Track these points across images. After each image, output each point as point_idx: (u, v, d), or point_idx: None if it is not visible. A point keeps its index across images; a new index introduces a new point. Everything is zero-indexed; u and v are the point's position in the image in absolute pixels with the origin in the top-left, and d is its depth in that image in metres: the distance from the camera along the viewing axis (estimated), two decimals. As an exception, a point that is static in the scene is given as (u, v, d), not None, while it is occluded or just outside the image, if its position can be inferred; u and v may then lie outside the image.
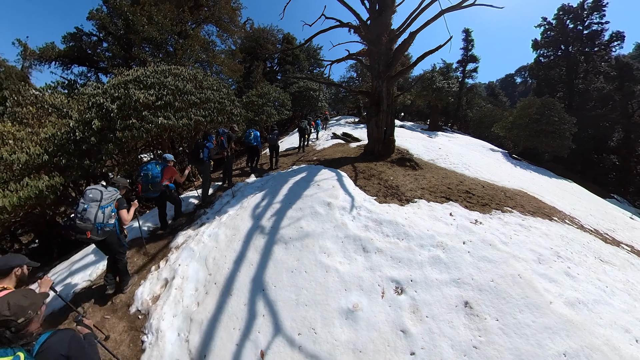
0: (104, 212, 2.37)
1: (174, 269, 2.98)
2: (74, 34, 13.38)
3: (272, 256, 2.91)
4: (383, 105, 6.81)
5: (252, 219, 3.65)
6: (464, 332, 2.02)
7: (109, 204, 2.43)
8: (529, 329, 1.98)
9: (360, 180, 4.89)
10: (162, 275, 2.96)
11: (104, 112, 4.80)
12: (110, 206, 2.44)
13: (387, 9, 6.58)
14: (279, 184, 4.56)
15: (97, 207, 2.33)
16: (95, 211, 2.31)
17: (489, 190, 5.70)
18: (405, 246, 2.88)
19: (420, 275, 2.49)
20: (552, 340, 1.91)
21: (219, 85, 7.03)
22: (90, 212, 2.29)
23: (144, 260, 3.34)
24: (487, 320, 2.07)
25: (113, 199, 2.47)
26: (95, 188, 2.40)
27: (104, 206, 2.38)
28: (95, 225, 2.30)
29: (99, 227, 2.33)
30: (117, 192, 2.55)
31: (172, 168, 3.68)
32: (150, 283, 2.89)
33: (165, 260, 3.25)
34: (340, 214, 3.44)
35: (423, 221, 3.49)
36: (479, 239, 2.97)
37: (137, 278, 2.98)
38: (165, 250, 3.49)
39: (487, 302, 2.20)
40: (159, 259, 3.33)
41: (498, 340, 1.94)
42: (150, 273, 3.07)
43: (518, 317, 2.07)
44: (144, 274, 3.09)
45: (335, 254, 2.84)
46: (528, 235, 3.37)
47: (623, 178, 23.09)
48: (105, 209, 2.39)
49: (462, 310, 2.18)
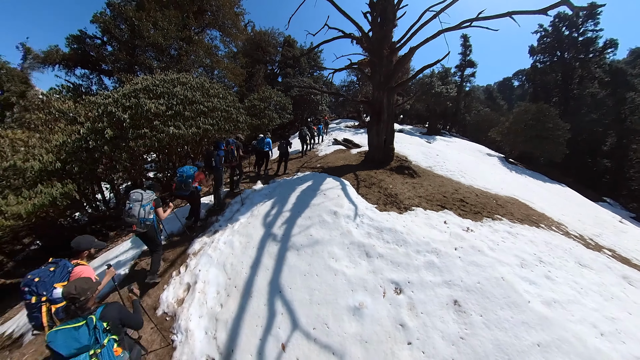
0: (145, 210, 2.91)
1: (195, 274, 3.19)
2: (78, 37, 13.48)
3: (286, 261, 3.17)
4: (384, 115, 7.06)
5: (263, 227, 3.88)
6: (453, 326, 2.31)
7: (148, 203, 2.97)
8: (508, 323, 2.27)
9: (362, 188, 5.13)
10: (184, 280, 3.18)
11: (116, 122, 4.99)
12: (149, 205, 2.97)
13: (389, 22, 6.85)
14: (287, 192, 4.79)
15: (140, 206, 2.88)
16: (138, 209, 2.87)
17: (482, 198, 6.01)
18: (404, 252, 3.17)
19: (417, 278, 2.78)
20: (528, 333, 2.19)
21: (224, 92, 7.24)
22: (134, 210, 2.85)
23: (164, 266, 3.53)
24: (473, 316, 2.37)
25: (151, 199, 3.01)
26: (137, 191, 2.97)
27: (144, 205, 2.92)
28: (139, 219, 2.86)
29: (142, 221, 2.88)
30: (154, 194, 3.08)
31: (201, 173, 4.25)
32: (173, 287, 3.10)
33: (185, 266, 3.46)
34: (346, 222, 3.70)
35: (420, 229, 3.78)
36: (469, 245, 3.26)
37: (161, 283, 3.21)
38: (183, 257, 3.68)
39: (474, 300, 2.50)
40: (178, 264, 3.54)
41: (481, 333, 2.23)
42: (172, 278, 3.27)
43: (499, 314, 2.36)
44: (166, 278, 3.29)
45: (342, 259, 3.12)
46: (514, 242, 3.68)
47: (616, 181, 23.60)
48: (145, 207, 2.93)
49: (451, 307, 2.47)
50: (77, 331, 1.36)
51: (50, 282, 1.84)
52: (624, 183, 23.24)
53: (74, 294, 1.46)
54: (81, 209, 6.62)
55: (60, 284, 1.87)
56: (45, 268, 1.93)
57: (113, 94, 5.56)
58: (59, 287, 1.84)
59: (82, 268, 2.05)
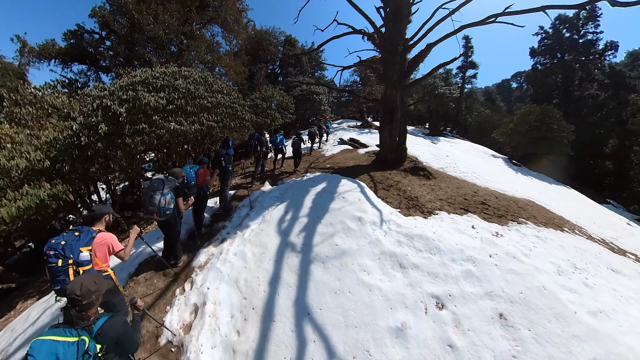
0: (165, 199, 2.80)
1: (202, 292, 2.75)
2: (75, 32, 12.98)
3: (311, 277, 2.78)
4: (397, 114, 6.73)
5: (278, 235, 3.46)
6: (503, 343, 2.14)
7: (169, 191, 2.84)
8: (558, 338, 2.11)
9: (380, 191, 4.76)
10: (190, 300, 2.72)
11: (111, 116, 4.56)
12: (170, 194, 2.85)
13: (403, 18, 6.53)
14: (300, 194, 4.38)
15: (160, 195, 2.78)
16: (159, 197, 2.77)
17: (502, 201, 5.85)
18: (439, 261, 2.93)
19: (457, 290, 2.57)
20: (582, 347, 2.04)
21: (228, 88, 6.84)
22: (155, 199, 2.76)
23: (166, 282, 3.04)
24: (521, 331, 2.19)
25: (172, 187, 2.89)
26: (159, 178, 2.86)
27: (165, 194, 2.81)
28: (159, 209, 2.77)
29: (162, 211, 2.79)
30: (176, 181, 2.95)
31: (206, 170, 3.87)
32: (178, 309, 2.63)
33: (190, 282, 3.01)
34: (372, 229, 3.34)
35: (450, 235, 3.55)
36: (504, 252, 3.11)
37: (163, 303, 2.76)
38: (187, 271, 3.22)
39: (519, 313, 2.32)
40: (182, 280, 3.07)
41: (533, 349, 2.05)
42: (175, 298, 2.81)
43: (548, 327, 2.20)
44: (169, 298, 2.81)
45: (374, 271, 2.80)
46: (545, 247, 3.58)
47: (618, 183, 23.61)
48: (167, 196, 2.81)
49: (497, 322, 2.29)
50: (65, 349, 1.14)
51: (76, 246, 1.85)
52: (625, 185, 23.26)
53: (76, 294, 1.24)
54: (75, 211, 6.15)
55: (85, 247, 1.89)
56: (70, 232, 1.92)
57: (109, 87, 5.13)
58: (85, 251, 1.87)
59: (104, 234, 2.04)
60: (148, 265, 3.27)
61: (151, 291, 2.88)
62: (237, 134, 7.41)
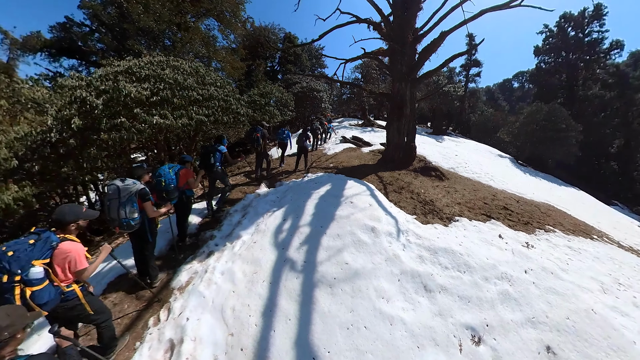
0: (125, 209, 2.29)
1: (180, 325, 2.18)
2: (64, 24, 12.35)
3: (316, 306, 2.22)
4: (406, 110, 6.19)
5: (275, 248, 2.90)
6: None
7: (129, 198, 2.31)
8: None
9: (391, 194, 4.21)
10: (164, 334, 2.13)
11: (88, 109, 4.00)
12: (131, 201, 2.32)
13: (414, 5, 5.98)
14: (301, 198, 3.80)
15: (118, 204, 2.27)
16: (116, 208, 2.27)
17: (524, 205, 5.54)
18: (470, 281, 2.52)
19: (495, 318, 2.18)
20: None
21: (222, 81, 6.27)
22: (112, 210, 2.28)
23: (137, 307, 2.45)
24: None
25: (132, 192, 2.33)
26: (113, 183, 2.34)
27: (124, 202, 2.29)
28: (120, 221, 2.29)
29: (125, 222, 2.31)
30: (137, 184, 2.39)
31: (189, 170, 3.25)
32: (149, 348, 2.05)
33: (166, 310, 2.41)
34: (388, 241, 2.80)
35: (478, 247, 3.12)
36: (539, 266, 2.81)
37: (130, 338, 2.18)
38: (165, 293, 2.62)
39: (569, 345, 1.99)
40: (157, 306, 2.47)
41: None
42: (147, 331, 2.20)
43: None
44: (139, 331, 2.23)
45: (394, 297, 2.29)
46: (581, 259, 3.30)
47: (623, 184, 23.24)
48: (126, 205, 2.29)
49: (545, 357, 1.95)
50: None
51: (27, 258, 1.49)
52: (630, 186, 22.89)
53: None
54: None
55: (39, 261, 1.54)
56: (24, 240, 1.55)
57: (87, 77, 4.56)
58: (38, 265, 1.53)
59: (69, 245, 1.69)
60: (119, 285, 2.71)
61: (120, 319, 2.32)
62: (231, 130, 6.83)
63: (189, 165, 3.30)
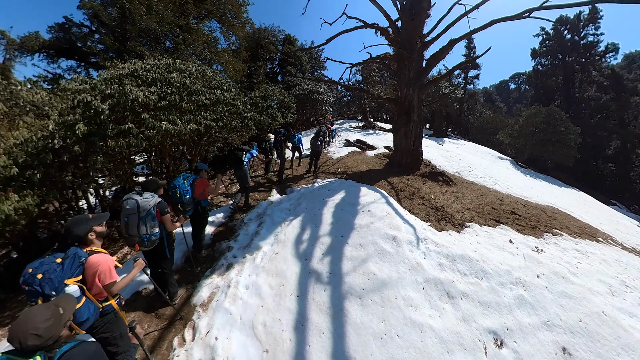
0: (147, 223, 2.19)
1: (209, 344, 2.06)
2: (63, 25, 12.14)
3: (347, 318, 2.21)
4: (414, 115, 6.18)
5: (298, 260, 2.84)
6: None
7: (149, 212, 2.21)
8: None
9: (404, 200, 4.17)
10: (193, 355, 2.02)
11: (93, 114, 3.88)
12: (150, 215, 2.22)
13: (422, 11, 5.97)
14: (316, 206, 3.76)
15: (137, 219, 2.17)
16: (136, 223, 2.17)
17: (530, 209, 5.62)
18: (488, 287, 2.62)
19: (514, 322, 2.30)
20: None
21: (228, 84, 6.18)
22: (131, 226, 2.17)
23: (158, 326, 2.32)
24: None
25: (151, 205, 2.23)
26: (131, 197, 2.22)
27: (144, 216, 2.19)
28: (141, 237, 2.20)
29: (146, 239, 2.22)
30: (155, 197, 2.30)
31: (204, 180, 3.11)
32: None
33: (191, 329, 2.29)
34: (410, 250, 2.81)
35: (491, 253, 3.20)
36: (550, 271, 2.92)
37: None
38: (187, 310, 2.48)
39: (583, 346, 2.12)
40: (180, 325, 2.35)
41: None
42: (173, 352, 2.08)
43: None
44: (164, 353, 2.10)
45: (421, 305, 2.35)
46: (590, 263, 3.40)
47: (620, 185, 23.57)
48: (146, 218, 2.19)
49: (562, 358, 2.07)
50: None
51: (58, 279, 1.43)
52: (627, 186, 23.22)
53: (24, 344, 0.96)
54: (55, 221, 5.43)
55: (72, 279, 1.49)
56: (50, 259, 1.47)
57: (92, 80, 4.45)
58: (72, 284, 1.48)
59: (98, 257, 1.63)
60: (136, 303, 2.59)
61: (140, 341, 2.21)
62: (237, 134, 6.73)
63: (204, 174, 3.17)
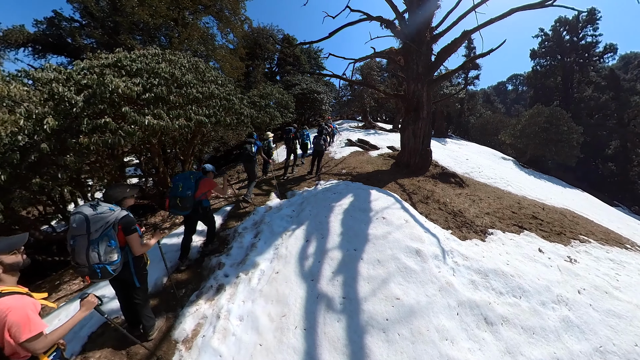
0: (98, 249, 1.55)
1: None
2: (51, 19, 11.59)
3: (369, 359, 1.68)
4: (423, 112, 5.76)
5: (303, 280, 2.30)
6: None
7: (104, 233, 1.58)
8: None
9: (419, 205, 3.73)
10: None
11: (66, 107, 3.40)
12: (107, 236, 1.59)
13: (432, 2, 5.56)
14: (321, 212, 3.25)
15: (87, 243, 1.53)
16: (85, 249, 1.52)
17: (551, 213, 5.29)
18: (529, 308, 2.28)
19: (563, 351, 2.01)
20: None
21: (223, 79, 5.72)
22: (78, 252, 1.52)
23: None
24: None
25: (110, 223, 1.60)
26: (79, 212, 1.56)
27: (96, 239, 1.55)
28: (92, 268, 1.54)
29: (98, 269, 1.56)
30: (116, 211, 1.66)
31: (210, 181, 2.86)
32: None
33: None
34: (437, 266, 2.34)
35: (524, 265, 2.86)
36: (591, 285, 2.69)
37: None
38: (166, 348, 1.93)
39: None
40: None
41: None
42: None
43: None
44: None
45: (457, 336, 1.93)
46: (628, 274, 3.14)
47: (621, 185, 23.50)
48: (98, 244, 1.55)
49: None
50: None
51: None
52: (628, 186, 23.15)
53: None
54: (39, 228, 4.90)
55: None
56: None
57: (68, 70, 3.97)
58: None
59: (6, 302, 1.05)
60: (103, 338, 2.07)
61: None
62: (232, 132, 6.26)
63: (210, 175, 2.92)
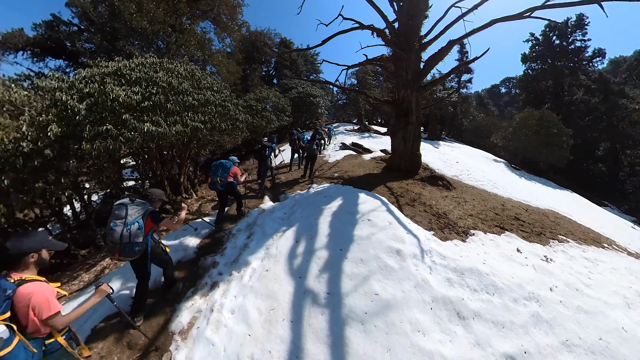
0: (130, 231, 2.04)
1: None
2: (50, 22, 11.71)
3: (348, 348, 1.93)
4: (412, 118, 6.03)
5: (291, 277, 2.54)
6: None
7: (135, 220, 2.09)
8: None
9: (405, 207, 3.96)
10: None
11: (69, 114, 3.57)
12: (137, 223, 2.10)
13: (419, 12, 5.89)
14: (311, 215, 3.48)
15: (122, 226, 2.05)
16: (120, 230, 2.04)
17: (533, 214, 5.54)
18: (501, 304, 2.43)
19: (531, 343, 2.13)
20: None
21: (219, 85, 5.92)
22: (115, 232, 2.03)
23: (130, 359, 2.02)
24: None
25: (139, 214, 2.13)
26: (121, 203, 2.15)
27: (129, 223, 2.06)
28: (121, 245, 2.04)
29: (125, 248, 2.05)
30: (146, 205, 2.23)
31: (236, 168, 3.98)
32: None
33: None
34: (415, 265, 2.55)
35: (500, 264, 3.03)
36: (563, 283, 2.83)
37: None
38: (164, 338, 2.14)
39: None
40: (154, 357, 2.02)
41: None
42: None
43: None
44: None
45: (430, 329, 2.08)
46: (601, 272, 3.32)
47: (611, 185, 24.11)
48: (131, 226, 2.06)
49: None
50: None
51: None
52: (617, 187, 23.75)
53: None
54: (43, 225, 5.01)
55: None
56: None
57: (70, 78, 4.14)
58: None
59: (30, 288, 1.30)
60: (105, 331, 2.24)
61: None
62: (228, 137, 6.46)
63: (237, 164, 4.08)
